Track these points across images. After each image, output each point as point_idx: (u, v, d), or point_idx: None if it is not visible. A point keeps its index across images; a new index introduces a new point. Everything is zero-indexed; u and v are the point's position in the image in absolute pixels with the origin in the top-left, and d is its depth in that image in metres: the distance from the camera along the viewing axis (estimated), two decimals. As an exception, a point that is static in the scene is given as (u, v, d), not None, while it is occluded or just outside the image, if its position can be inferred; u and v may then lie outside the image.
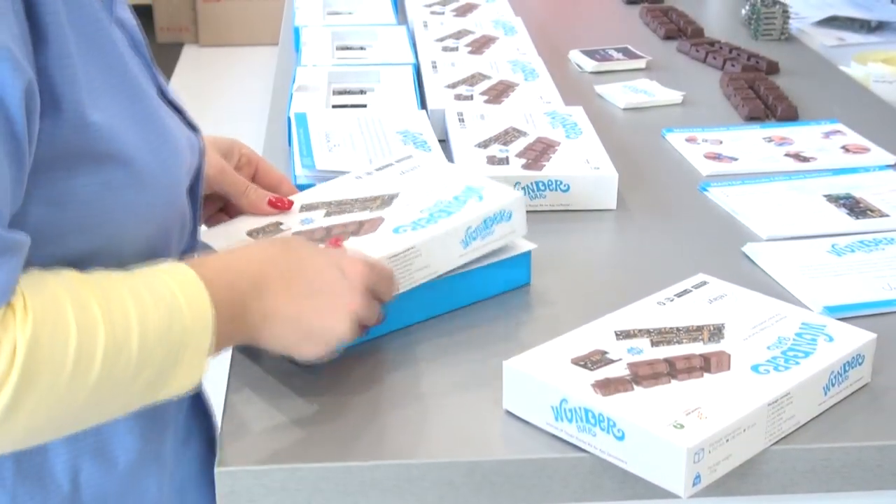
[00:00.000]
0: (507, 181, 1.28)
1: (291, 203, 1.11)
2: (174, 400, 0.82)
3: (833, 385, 0.92)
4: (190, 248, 0.96)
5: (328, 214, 1.05)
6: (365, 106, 1.55)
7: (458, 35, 1.87)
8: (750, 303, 1.00)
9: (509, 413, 0.91)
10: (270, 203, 1.09)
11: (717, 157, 1.45)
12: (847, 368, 0.93)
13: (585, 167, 1.31)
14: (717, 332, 0.95)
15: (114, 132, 0.80)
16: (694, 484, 0.81)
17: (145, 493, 0.92)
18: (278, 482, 0.85)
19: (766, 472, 0.88)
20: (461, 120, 1.44)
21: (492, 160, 1.32)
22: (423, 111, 1.48)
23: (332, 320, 0.87)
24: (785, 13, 2.01)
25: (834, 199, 1.32)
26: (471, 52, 1.78)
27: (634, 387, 0.86)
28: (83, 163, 0.79)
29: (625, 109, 1.64)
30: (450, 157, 1.34)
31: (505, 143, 1.37)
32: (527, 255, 1.10)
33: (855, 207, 1.30)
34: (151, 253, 0.85)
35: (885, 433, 0.90)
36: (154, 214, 0.85)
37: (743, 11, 2.09)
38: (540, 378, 0.88)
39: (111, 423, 0.84)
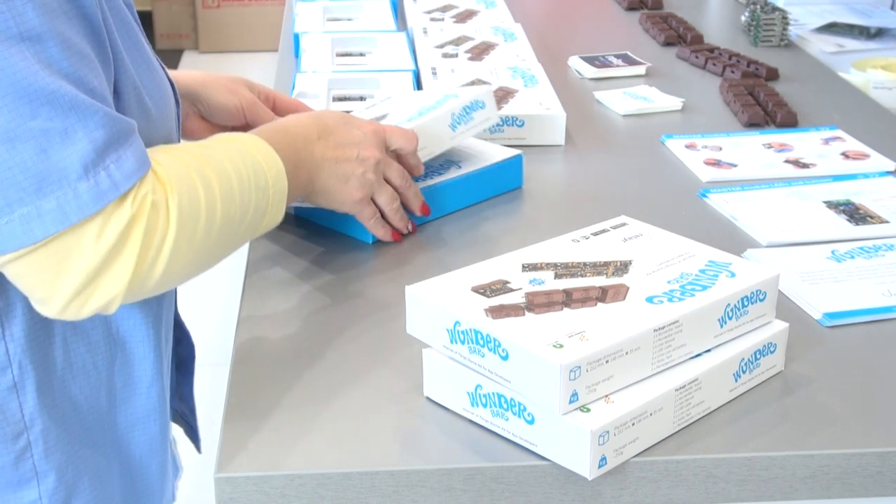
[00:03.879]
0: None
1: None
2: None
3: (745, 371, 0.94)
4: None
5: (557, 276, 0.96)
6: (365, 112, 1.55)
7: (458, 41, 1.87)
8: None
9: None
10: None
11: (716, 164, 1.45)
12: (758, 356, 0.94)
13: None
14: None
15: (138, 78, 0.95)
16: (600, 465, 0.84)
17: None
18: (277, 489, 0.85)
19: (766, 477, 0.88)
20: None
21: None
22: (423, 117, 1.48)
23: (359, 166, 1.13)
24: (784, 20, 2.02)
25: (834, 205, 1.32)
26: (470, 59, 1.78)
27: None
28: (122, 96, 0.92)
29: (624, 116, 1.64)
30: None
31: None
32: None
33: (855, 214, 1.30)
34: None
35: (886, 439, 0.90)
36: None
37: (742, 18, 2.09)
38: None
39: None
